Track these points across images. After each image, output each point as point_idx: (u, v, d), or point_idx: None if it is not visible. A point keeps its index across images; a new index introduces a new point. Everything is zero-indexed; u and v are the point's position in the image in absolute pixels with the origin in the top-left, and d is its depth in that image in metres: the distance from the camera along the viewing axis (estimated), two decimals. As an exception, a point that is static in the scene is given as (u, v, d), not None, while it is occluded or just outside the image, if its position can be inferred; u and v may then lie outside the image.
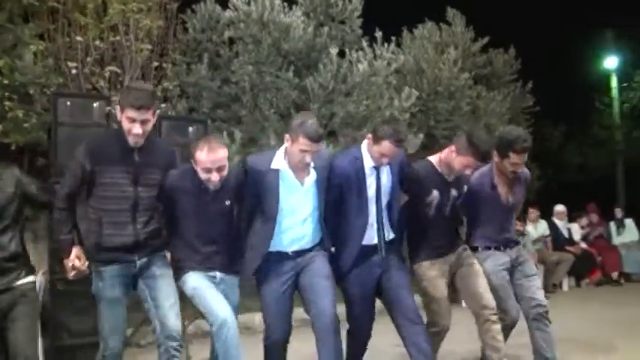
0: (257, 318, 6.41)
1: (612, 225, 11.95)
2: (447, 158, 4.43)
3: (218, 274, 4.14)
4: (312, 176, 4.17)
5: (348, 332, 4.47)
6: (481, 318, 4.45)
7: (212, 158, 3.94)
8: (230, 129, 8.38)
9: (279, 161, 4.12)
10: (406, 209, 4.52)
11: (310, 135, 3.94)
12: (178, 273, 4.14)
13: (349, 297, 4.36)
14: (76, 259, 3.85)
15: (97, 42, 7.41)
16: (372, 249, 4.33)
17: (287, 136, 4.06)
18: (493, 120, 11.28)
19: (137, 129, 3.79)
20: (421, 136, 9.32)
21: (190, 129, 6.66)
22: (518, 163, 4.55)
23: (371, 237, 4.31)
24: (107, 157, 3.84)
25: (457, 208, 4.65)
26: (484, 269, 4.61)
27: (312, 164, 4.12)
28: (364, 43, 9.29)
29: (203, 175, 3.98)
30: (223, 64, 9.26)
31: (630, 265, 11.33)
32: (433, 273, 4.53)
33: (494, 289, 4.55)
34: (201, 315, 5.45)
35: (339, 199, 4.25)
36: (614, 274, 11.20)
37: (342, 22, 9.92)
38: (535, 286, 4.74)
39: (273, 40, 8.90)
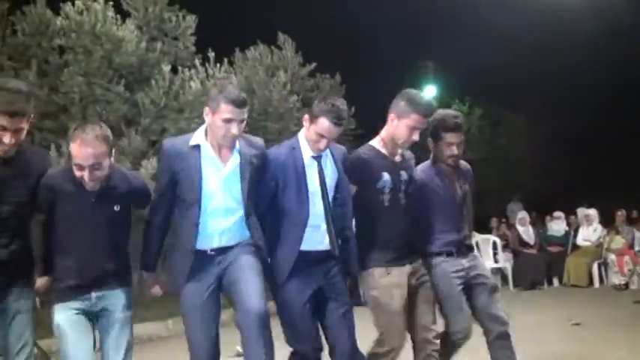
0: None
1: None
2: (390, 131, 3.93)
3: (95, 294, 3.41)
4: (235, 159, 3.53)
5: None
6: (422, 354, 3.94)
7: (84, 154, 3.24)
8: (57, 141, 8.25)
9: (198, 138, 3.51)
10: (355, 202, 3.86)
11: (232, 99, 3.34)
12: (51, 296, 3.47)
13: (286, 313, 3.65)
14: None
15: None
16: (321, 255, 3.69)
17: (206, 109, 3.45)
18: (318, 140, 11.90)
19: (8, 138, 3.17)
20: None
21: (15, 139, 6.50)
22: (454, 142, 4.13)
23: (318, 241, 3.67)
24: None
25: (411, 197, 4.03)
26: (433, 275, 4.06)
27: (237, 146, 3.52)
28: (197, 62, 9.55)
29: (76, 172, 3.31)
30: (52, 72, 9.11)
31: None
32: (387, 281, 3.84)
33: (442, 300, 4.06)
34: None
35: (275, 194, 3.65)
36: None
37: (176, 39, 10.15)
38: (497, 302, 4.22)
39: (105, 52, 8.93)
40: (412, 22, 18.74)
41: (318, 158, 3.71)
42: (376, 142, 4.02)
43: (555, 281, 11.43)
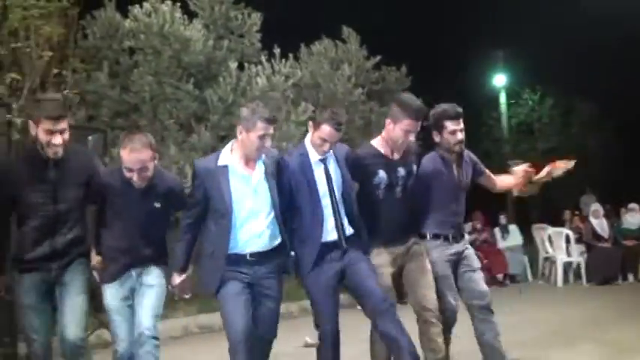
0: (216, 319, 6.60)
1: (497, 231, 12.80)
2: (388, 133, 4.37)
3: (135, 271, 4.08)
4: (261, 168, 4.06)
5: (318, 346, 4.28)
6: (421, 318, 4.33)
7: (133, 159, 3.91)
8: (144, 138, 8.49)
9: (225, 158, 4.04)
10: (357, 196, 4.39)
11: (266, 117, 3.92)
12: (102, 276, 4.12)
13: (312, 297, 4.21)
14: None
15: (-3, 48, 7.39)
16: (331, 245, 4.18)
17: (239, 128, 3.98)
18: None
19: (57, 139, 3.80)
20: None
21: (90, 138, 6.74)
22: (457, 129, 4.54)
23: (329, 233, 4.19)
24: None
25: (410, 191, 4.48)
26: (430, 257, 4.49)
27: (262, 157, 4.07)
28: (263, 58, 9.66)
29: (126, 174, 3.96)
30: (123, 73, 9.38)
31: (514, 267, 12.18)
32: (379, 261, 4.35)
33: (436, 280, 4.44)
34: (103, 325, 5.85)
35: (291, 198, 4.16)
36: (499, 276, 11.97)
37: (242, 36, 10.28)
38: (480, 278, 4.66)
39: (174, 51, 9.13)
40: (482, 11, 18.47)
41: (323, 160, 4.20)
42: (377, 142, 4.48)
43: (630, 277, 10.99)
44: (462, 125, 4.56)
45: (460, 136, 4.56)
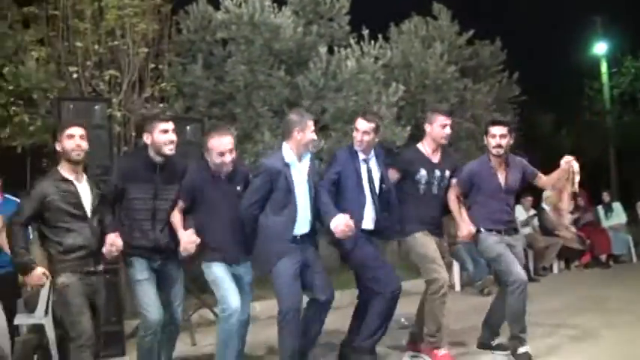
0: (257, 306, 6.81)
1: (600, 209, 12.30)
2: (429, 135, 5.29)
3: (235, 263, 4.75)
4: (307, 161, 4.88)
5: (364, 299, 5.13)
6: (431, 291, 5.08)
7: (223, 141, 4.63)
8: (227, 127, 8.69)
9: (289, 156, 4.78)
10: (399, 188, 5.26)
11: (314, 119, 4.97)
12: (206, 255, 4.70)
13: (362, 270, 5.07)
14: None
15: (96, 46, 7.72)
16: (367, 231, 5.07)
17: (296, 129, 4.76)
18: (480, 110, 11.63)
19: (172, 136, 4.58)
20: (409, 128, 9.66)
21: (188, 128, 6.97)
22: (496, 134, 5.23)
23: (367, 218, 5.06)
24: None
25: (445, 190, 5.32)
26: (486, 244, 5.23)
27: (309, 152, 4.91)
28: (352, 40, 9.63)
29: (217, 160, 4.64)
30: (217, 64, 9.59)
31: (618, 247, 11.68)
32: (425, 239, 5.18)
33: (496, 261, 5.20)
34: (204, 305, 6.46)
35: (337, 184, 5.01)
36: (603, 257, 11.52)
37: (331, 20, 10.28)
38: (521, 263, 5.27)
39: (265, 40, 9.24)
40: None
41: (366, 160, 5.12)
42: (420, 145, 5.37)
43: None
44: (503, 131, 5.23)
45: (498, 140, 5.23)
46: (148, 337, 4.49)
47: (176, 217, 4.62)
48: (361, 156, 5.11)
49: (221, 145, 4.62)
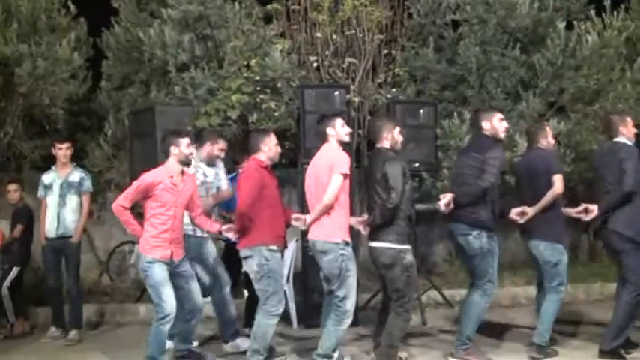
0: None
1: None
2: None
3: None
4: None
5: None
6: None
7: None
8: (458, 109, 8.68)
9: None
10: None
11: None
12: None
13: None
14: None
15: (334, 36, 8.22)
16: None
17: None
18: None
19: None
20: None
21: (421, 111, 7.11)
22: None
23: None
24: None
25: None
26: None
27: None
28: (592, 12, 9.07)
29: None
30: (447, 47, 9.53)
31: None
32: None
33: None
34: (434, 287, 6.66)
35: None
36: None
37: (569, -8, 9.71)
38: None
39: (499, 18, 9.01)
40: None
41: None
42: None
43: None
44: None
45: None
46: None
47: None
48: None
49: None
